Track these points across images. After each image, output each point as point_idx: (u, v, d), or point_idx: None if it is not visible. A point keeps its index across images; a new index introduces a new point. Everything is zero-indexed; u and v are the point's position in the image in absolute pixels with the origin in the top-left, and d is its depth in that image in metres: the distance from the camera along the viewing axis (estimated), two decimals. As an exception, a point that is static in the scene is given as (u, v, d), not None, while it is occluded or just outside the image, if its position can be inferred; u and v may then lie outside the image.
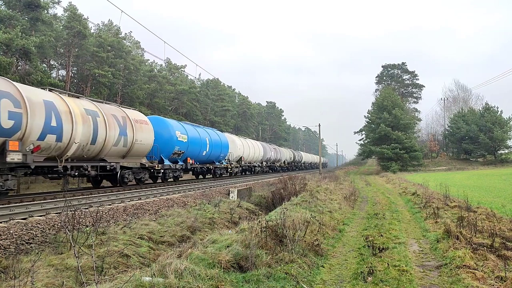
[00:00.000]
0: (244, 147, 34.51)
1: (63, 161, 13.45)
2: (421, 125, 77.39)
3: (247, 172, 38.79)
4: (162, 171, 20.10)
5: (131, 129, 16.79)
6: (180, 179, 23.44)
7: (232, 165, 30.93)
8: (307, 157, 78.23)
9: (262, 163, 41.55)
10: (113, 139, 15.60)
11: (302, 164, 70.73)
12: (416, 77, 75.25)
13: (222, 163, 29.01)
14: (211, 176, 28.92)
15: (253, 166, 38.78)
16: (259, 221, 7.58)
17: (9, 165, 11.42)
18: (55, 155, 13.15)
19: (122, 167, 16.81)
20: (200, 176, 28.87)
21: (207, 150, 25.31)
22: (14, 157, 11.30)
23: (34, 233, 8.07)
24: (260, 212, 15.13)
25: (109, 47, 35.24)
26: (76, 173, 14.42)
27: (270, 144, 52.63)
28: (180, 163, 22.05)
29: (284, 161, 52.89)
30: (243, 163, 33.89)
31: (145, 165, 18.35)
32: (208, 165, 26.72)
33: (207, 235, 8.92)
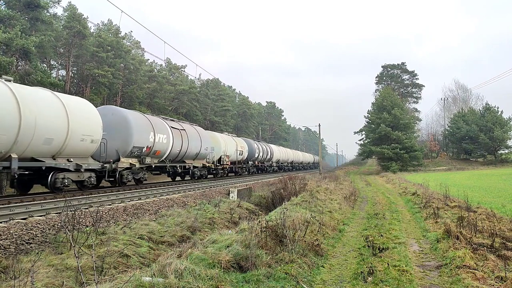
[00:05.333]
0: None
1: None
2: (421, 125, 77.61)
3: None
4: None
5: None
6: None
7: None
8: (286, 154, 54.08)
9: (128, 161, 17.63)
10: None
11: (274, 164, 48.17)
12: (416, 77, 75.42)
13: None
14: None
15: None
16: (259, 221, 7.57)
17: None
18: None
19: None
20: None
21: None
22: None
23: (34, 233, 8.06)
24: (260, 212, 15.13)
25: (109, 47, 35.26)
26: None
27: (184, 121, 26.14)
28: None
29: (224, 159, 29.54)
30: None
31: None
32: None
33: (207, 235, 8.92)
